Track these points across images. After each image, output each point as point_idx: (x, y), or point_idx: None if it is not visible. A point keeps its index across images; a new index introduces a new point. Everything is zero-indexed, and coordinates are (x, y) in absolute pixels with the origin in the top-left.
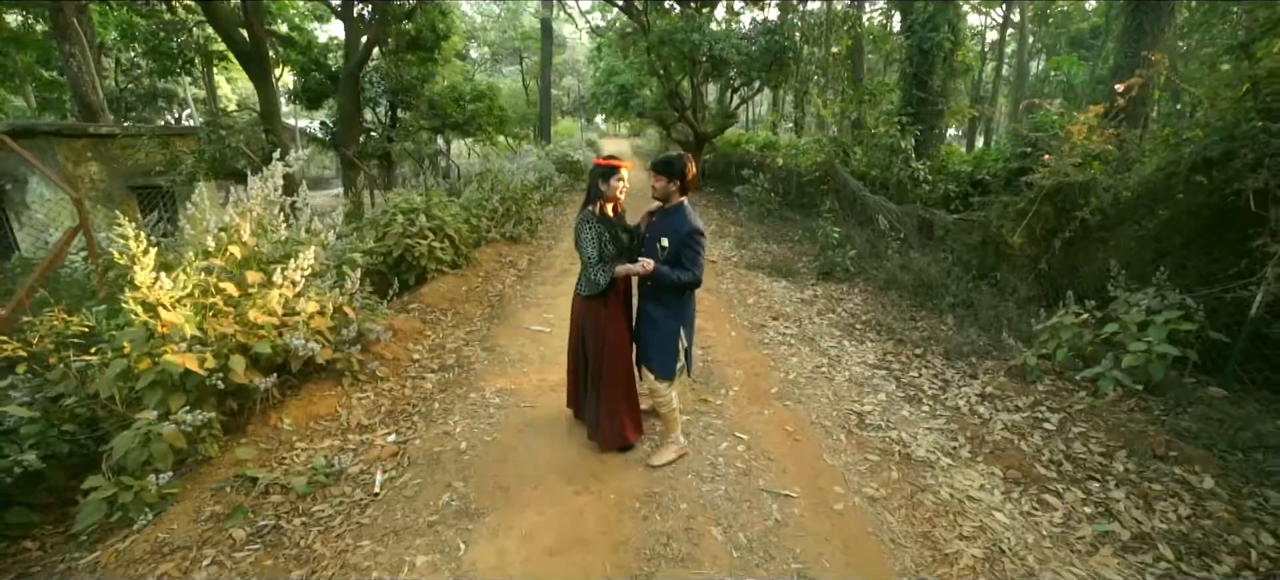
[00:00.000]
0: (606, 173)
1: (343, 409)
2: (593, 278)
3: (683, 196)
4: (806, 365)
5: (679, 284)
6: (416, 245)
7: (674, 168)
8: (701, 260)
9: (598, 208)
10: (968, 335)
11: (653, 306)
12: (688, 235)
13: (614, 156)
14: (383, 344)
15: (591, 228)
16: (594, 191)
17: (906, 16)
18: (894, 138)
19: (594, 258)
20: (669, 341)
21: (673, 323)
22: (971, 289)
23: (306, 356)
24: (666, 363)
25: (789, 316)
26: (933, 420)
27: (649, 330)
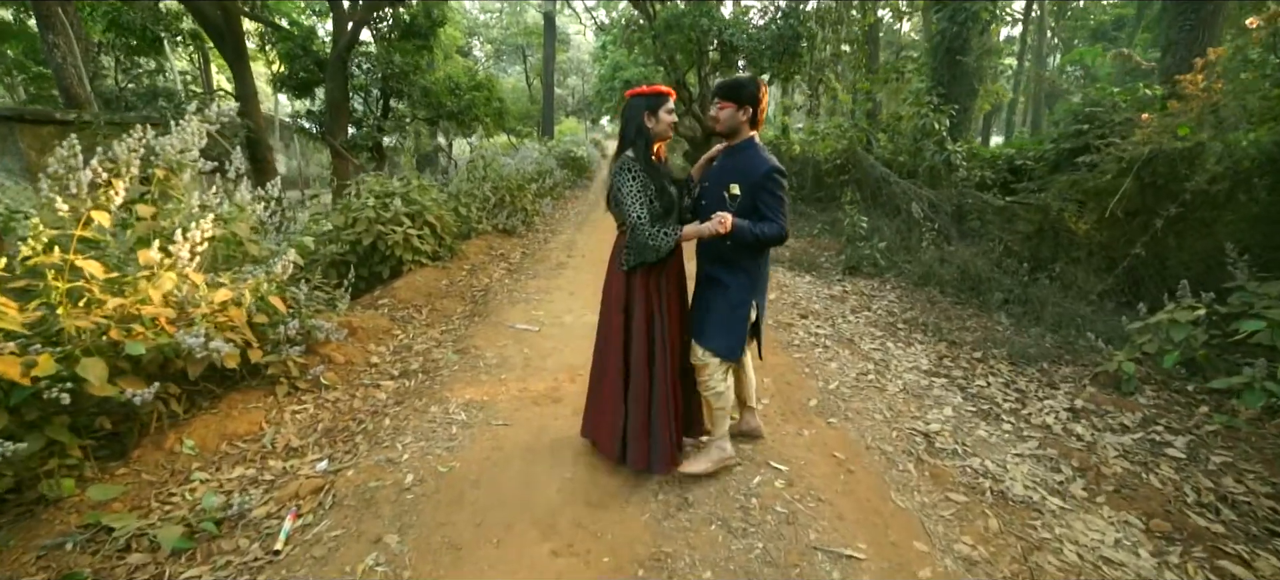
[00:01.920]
0: (652, 102)
1: (269, 426)
2: (650, 242)
3: (754, 130)
4: (849, 372)
5: (763, 240)
6: (390, 233)
7: (743, 91)
8: (785, 207)
9: (641, 150)
10: (1030, 336)
11: (723, 272)
12: (765, 177)
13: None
14: (334, 345)
15: (634, 178)
16: (634, 130)
17: None
18: (926, 118)
19: (644, 217)
20: (739, 312)
21: (745, 291)
22: (1027, 283)
23: (207, 360)
24: (732, 337)
25: (819, 314)
26: (1020, 443)
27: (716, 299)
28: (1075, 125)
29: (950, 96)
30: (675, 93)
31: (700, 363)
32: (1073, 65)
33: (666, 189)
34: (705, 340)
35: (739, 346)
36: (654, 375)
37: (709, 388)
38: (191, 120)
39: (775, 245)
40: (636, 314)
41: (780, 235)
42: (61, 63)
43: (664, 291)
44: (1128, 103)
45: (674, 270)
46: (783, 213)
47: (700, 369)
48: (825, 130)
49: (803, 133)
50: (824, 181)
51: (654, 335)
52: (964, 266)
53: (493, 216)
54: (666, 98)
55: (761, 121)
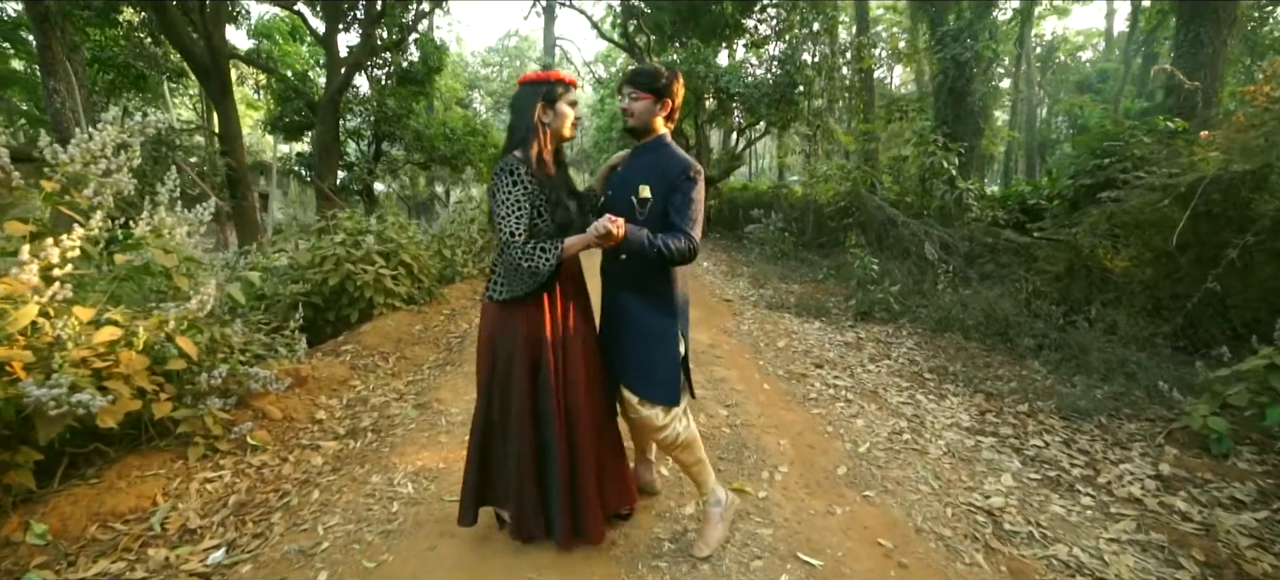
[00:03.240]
0: (549, 90)
1: (166, 500)
2: (524, 263)
3: (668, 126)
4: (879, 430)
5: (667, 254)
6: (360, 273)
7: (660, 80)
8: (699, 216)
9: (532, 150)
10: (1075, 386)
11: (633, 298)
12: (681, 175)
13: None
14: (273, 397)
15: (516, 183)
16: (524, 125)
17: (935, 30)
18: (934, 156)
19: (518, 232)
20: (665, 347)
21: (666, 319)
22: (1062, 326)
23: (64, 418)
24: (665, 380)
25: (835, 363)
26: (1111, 523)
27: (630, 334)
28: (1094, 160)
29: (956, 136)
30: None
31: (642, 418)
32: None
33: (563, 201)
34: (636, 388)
35: (675, 387)
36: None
37: (667, 441)
38: (105, 128)
39: (682, 263)
40: (516, 362)
41: (688, 250)
42: (60, 108)
43: (557, 330)
44: (1151, 136)
45: (573, 296)
46: (693, 221)
47: (644, 427)
48: (827, 172)
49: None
50: (826, 225)
51: (540, 386)
52: (989, 309)
53: (479, 260)
54: (567, 86)
55: (675, 118)
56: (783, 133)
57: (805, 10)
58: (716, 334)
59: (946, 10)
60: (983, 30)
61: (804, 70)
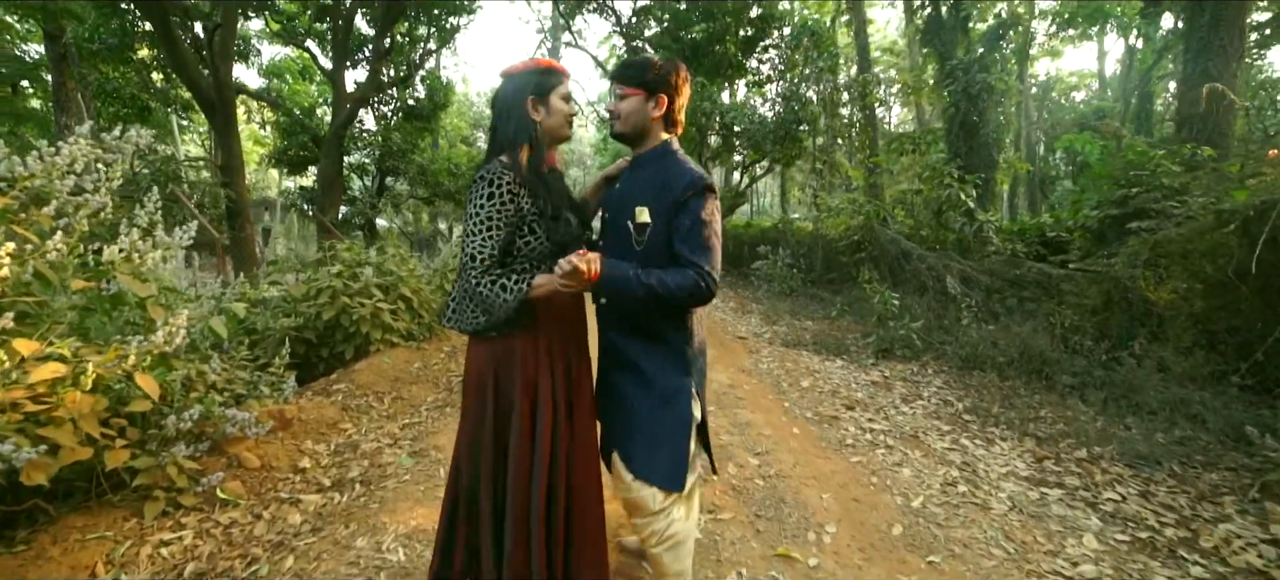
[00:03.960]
0: (541, 81)
1: (107, 570)
2: (479, 290)
3: (671, 132)
4: (929, 481)
5: (664, 295)
6: (356, 306)
7: (650, 72)
8: (714, 243)
9: (522, 155)
10: (1131, 428)
11: (633, 344)
12: (685, 192)
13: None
14: (252, 442)
15: (493, 194)
16: (513, 126)
17: (945, 63)
18: (951, 187)
19: (481, 253)
20: (672, 411)
21: (675, 374)
22: (1106, 363)
23: None
24: (667, 458)
25: (866, 405)
26: None
27: (633, 393)
28: (1120, 190)
29: (970, 168)
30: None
31: (633, 499)
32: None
33: (563, 215)
34: (635, 464)
35: (684, 466)
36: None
37: (655, 535)
38: (78, 140)
39: (692, 305)
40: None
41: (697, 288)
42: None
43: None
44: (1181, 164)
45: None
46: (705, 249)
47: (633, 508)
48: (838, 205)
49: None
50: (836, 260)
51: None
52: (1023, 345)
53: None
54: (560, 76)
55: (679, 122)
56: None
57: (808, 49)
58: (735, 373)
59: (955, 44)
60: (994, 63)
61: (808, 107)
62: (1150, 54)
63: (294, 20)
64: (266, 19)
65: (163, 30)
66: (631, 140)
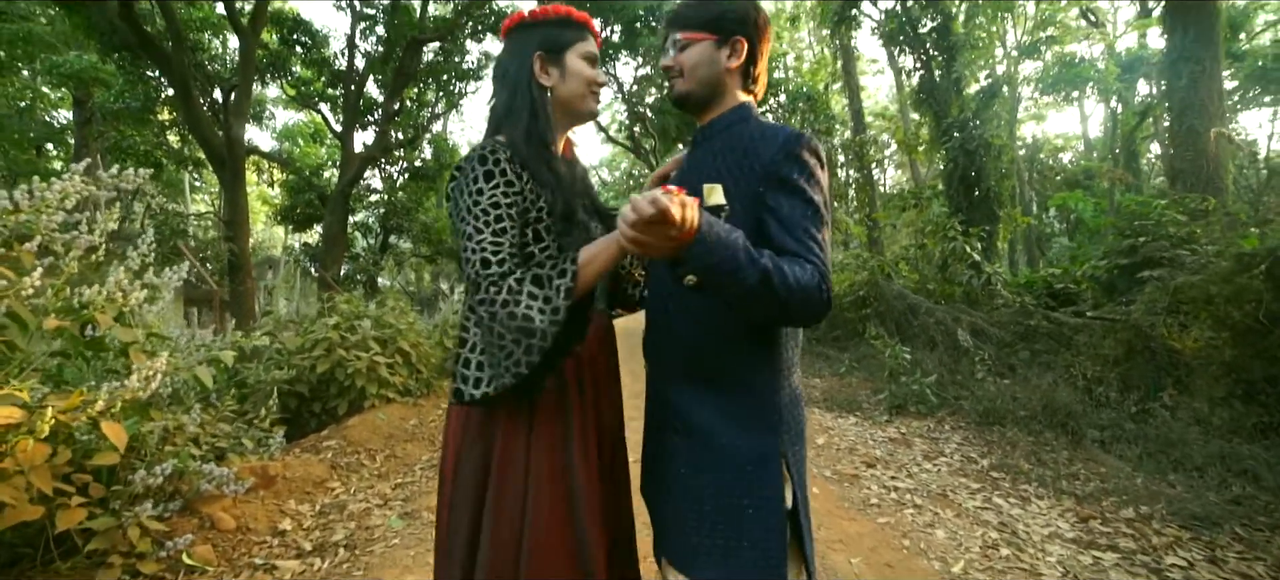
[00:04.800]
0: (552, 35)
1: None
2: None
3: (750, 94)
4: (968, 544)
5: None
6: (352, 359)
7: (731, 15)
8: (825, 233)
9: (521, 131)
10: (1174, 485)
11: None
12: (782, 160)
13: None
14: (228, 501)
15: (491, 176)
16: (511, 91)
17: (940, 122)
18: (956, 240)
19: (494, 256)
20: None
21: (755, 439)
22: (1135, 415)
23: None
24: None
25: (887, 462)
26: None
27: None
28: (1127, 240)
29: (972, 222)
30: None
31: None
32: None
33: (578, 216)
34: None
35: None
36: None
37: None
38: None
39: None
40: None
41: (817, 290)
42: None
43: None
44: (1185, 213)
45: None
46: (817, 241)
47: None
48: (843, 261)
49: None
50: (843, 317)
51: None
52: (1046, 398)
53: None
54: (582, 29)
55: (761, 80)
56: None
57: (805, 112)
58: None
59: (949, 104)
60: (989, 120)
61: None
62: (1131, 116)
63: (308, 85)
64: (283, 85)
65: (182, 91)
66: (698, 104)
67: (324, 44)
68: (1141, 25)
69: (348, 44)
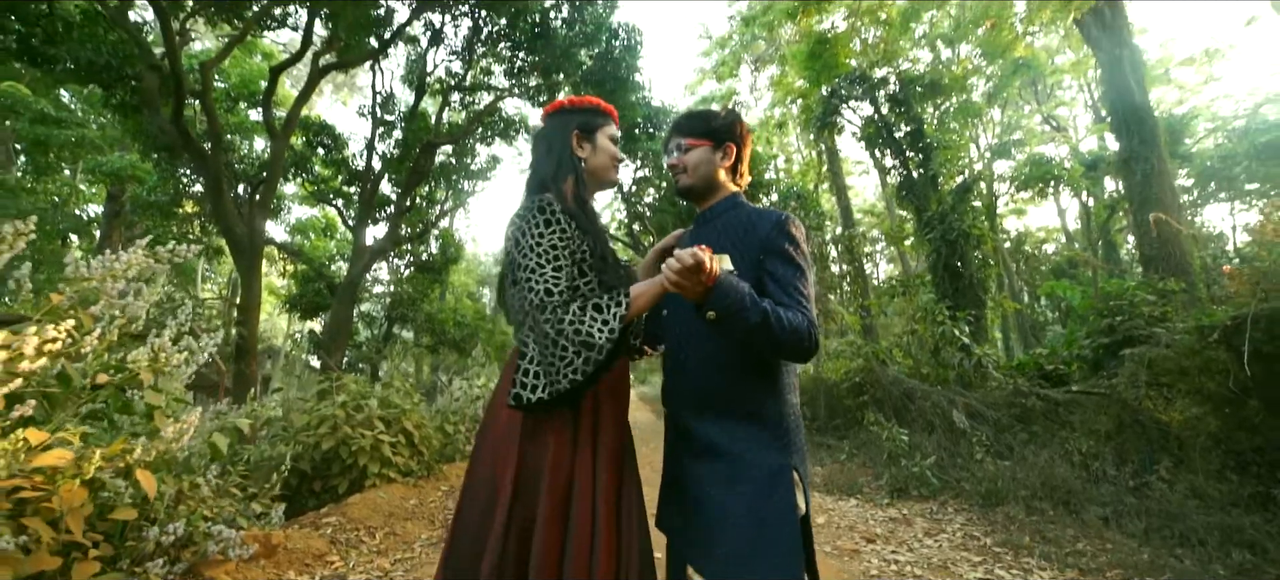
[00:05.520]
0: (587, 118)
1: None
2: (568, 328)
3: (738, 184)
4: None
5: (782, 334)
6: (357, 437)
7: (715, 121)
8: (811, 292)
9: (567, 188)
10: (1182, 560)
11: (716, 426)
12: (773, 233)
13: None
14: (231, 565)
15: (550, 223)
16: (554, 163)
17: (921, 216)
18: (944, 325)
19: (556, 288)
20: (770, 507)
21: (772, 455)
22: (1133, 489)
23: None
24: (772, 564)
25: (887, 538)
26: None
27: (707, 492)
28: (1105, 320)
29: (959, 306)
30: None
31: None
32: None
33: (611, 261)
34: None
35: (796, 561)
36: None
37: None
38: (136, 249)
39: (797, 356)
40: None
41: (807, 334)
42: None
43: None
44: (1155, 294)
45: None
46: (805, 297)
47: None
48: (839, 349)
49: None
50: (841, 405)
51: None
52: (1044, 475)
53: None
54: (608, 117)
55: (745, 174)
56: None
57: (795, 211)
58: None
59: (929, 199)
60: (966, 212)
61: None
62: (1102, 210)
63: (326, 183)
64: (303, 182)
65: (214, 187)
66: (699, 195)
67: (344, 146)
68: (1099, 129)
69: (367, 146)
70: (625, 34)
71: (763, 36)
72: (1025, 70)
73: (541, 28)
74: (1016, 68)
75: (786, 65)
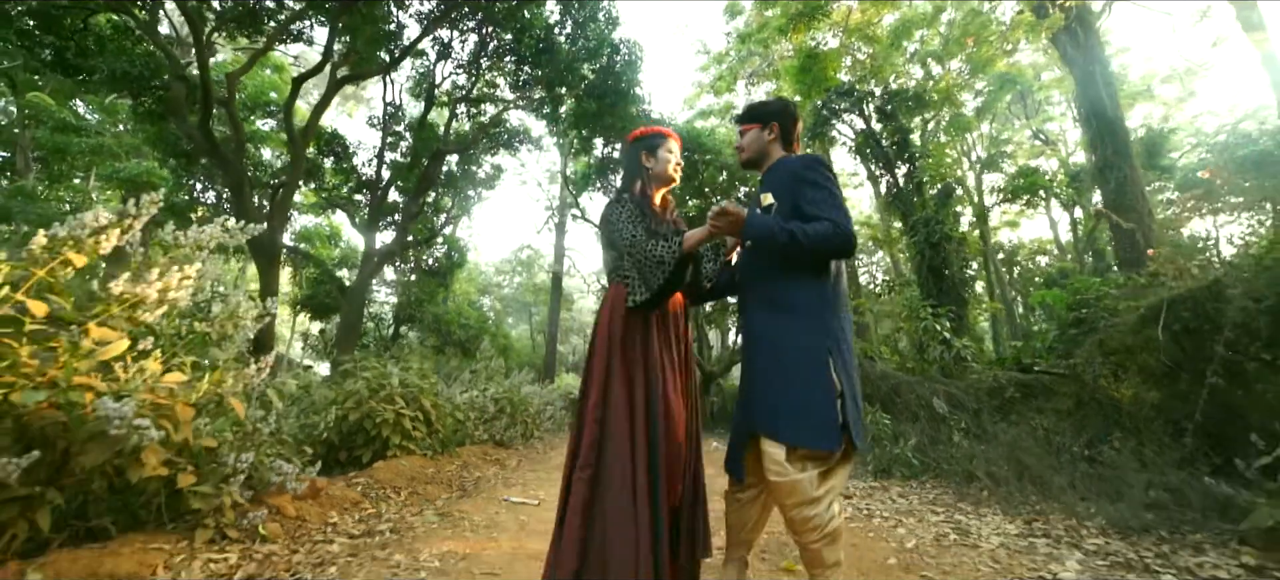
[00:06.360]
0: (650, 141)
1: (166, 571)
2: (653, 254)
3: (787, 150)
4: (923, 535)
5: (802, 241)
6: (381, 410)
7: (766, 108)
8: (841, 204)
9: (636, 188)
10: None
11: (768, 318)
12: (803, 167)
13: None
14: (288, 497)
15: (622, 206)
16: (633, 169)
17: (906, 221)
18: (925, 321)
19: (638, 234)
20: (809, 376)
21: (809, 339)
22: (1089, 460)
23: (119, 442)
24: (813, 417)
25: (864, 494)
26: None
27: (763, 361)
28: (1074, 312)
29: (942, 304)
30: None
31: (784, 479)
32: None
33: (659, 231)
34: (779, 428)
35: (832, 423)
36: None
37: (810, 524)
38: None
39: (831, 250)
40: (616, 381)
41: (834, 234)
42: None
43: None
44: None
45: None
46: (837, 206)
47: (786, 493)
48: None
49: None
50: None
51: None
52: (1010, 451)
53: (490, 426)
54: (665, 137)
55: (797, 142)
56: None
57: None
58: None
59: (913, 205)
60: (947, 215)
61: None
62: (1089, 220)
63: (334, 190)
64: (313, 189)
65: (237, 190)
66: (755, 163)
67: (353, 155)
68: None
69: (377, 155)
70: (626, 49)
71: (758, 52)
72: (1011, 85)
73: (546, 43)
74: (1003, 83)
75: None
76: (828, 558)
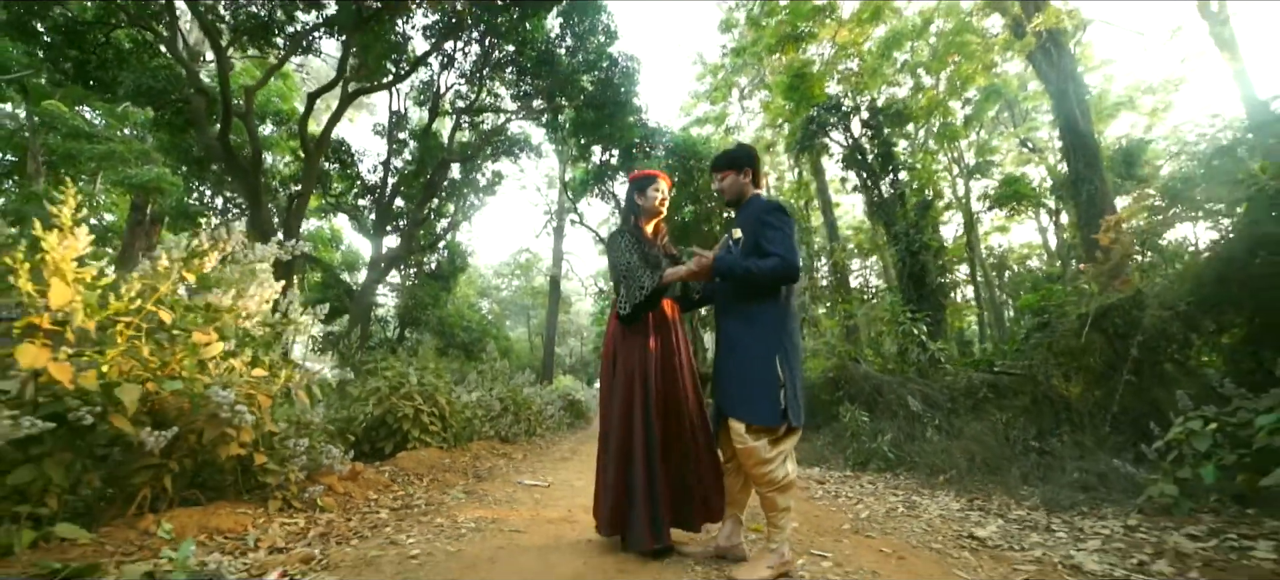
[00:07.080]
0: (640, 183)
1: (255, 529)
2: (631, 288)
3: (758, 189)
4: (877, 508)
5: (756, 274)
6: (402, 406)
7: (739, 154)
8: (790, 242)
9: (630, 221)
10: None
11: (734, 323)
12: (763, 211)
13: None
14: (335, 477)
15: (621, 237)
16: (630, 207)
17: (889, 229)
18: (904, 324)
19: (635, 261)
20: (760, 372)
21: (763, 344)
22: (1040, 451)
23: (226, 424)
24: (761, 402)
25: (835, 481)
26: (1083, 543)
27: (728, 359)
28: (1037, 318)
29: (920, 308)
30: (667, 178)
31: (744, 446)
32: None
33: (659, 260)
34: (737, 410)
35: (775, 406)
36: (633, 434)
37: (766, 478)
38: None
39: (779, 279)
40: (619, 370)
41: (782, 267)
42: None
43: (652, 348)
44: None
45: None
46: (786, 244)
47: (747, 456)
48: (815, 349)
49: None
50: (819, 399)
51: (634, 394)
52: (971, 445)
53: (496, 423)
54: (654, 178)
55: (760, 180)
56: None
57: None
58: None
59: (895, 214)
60: (927, 226)
61: None
62: (1072, 226)
63: (340, 197)
64: (319, 195)
65: (253, 197)
66: (735, 202)
67: (359, 161)
68: None
69: (383, 163)
70: (624, 61)
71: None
72: (997, 96)
73: (546, 55)
74: (989, 94)
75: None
76: (779, 503)
